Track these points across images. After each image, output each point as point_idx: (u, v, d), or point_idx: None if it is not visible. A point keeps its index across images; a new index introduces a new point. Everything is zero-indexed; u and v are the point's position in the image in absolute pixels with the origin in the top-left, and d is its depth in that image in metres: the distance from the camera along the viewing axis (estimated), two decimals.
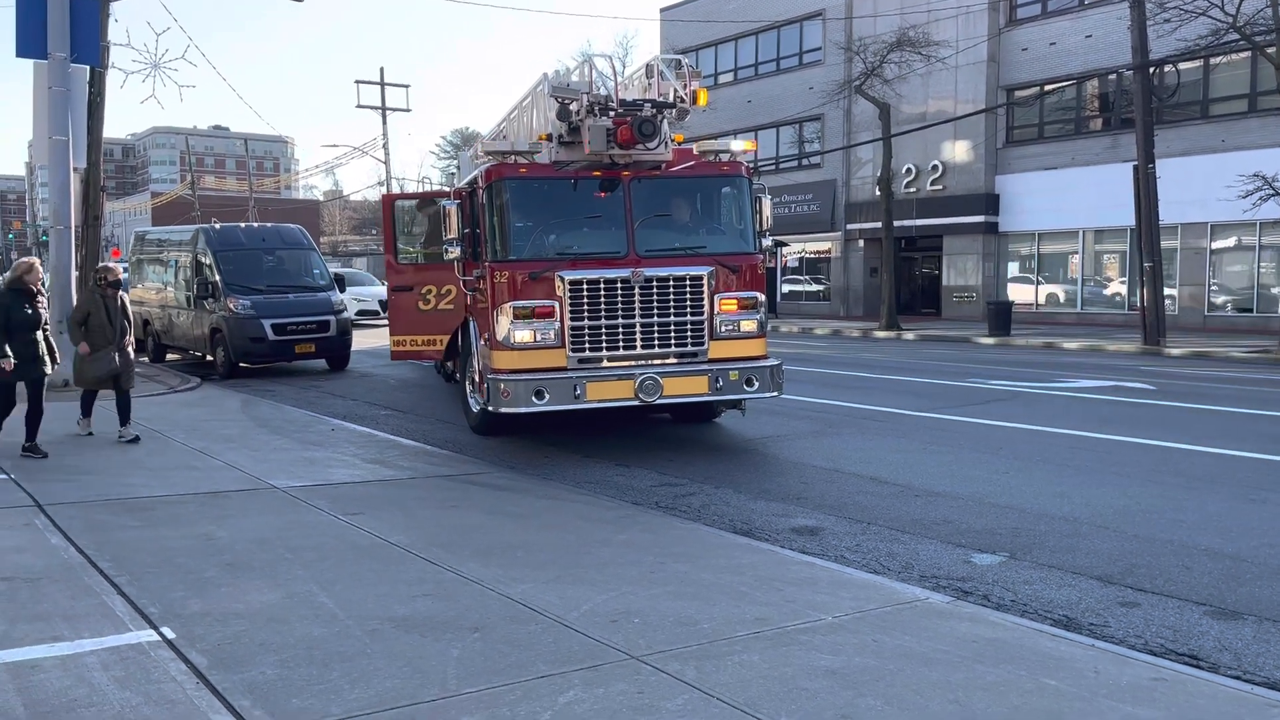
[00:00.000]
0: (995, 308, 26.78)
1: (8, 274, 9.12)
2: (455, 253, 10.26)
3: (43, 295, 9.59)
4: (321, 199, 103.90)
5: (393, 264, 13.29)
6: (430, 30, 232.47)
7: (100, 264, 10.09)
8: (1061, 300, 31.80)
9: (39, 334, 9.15)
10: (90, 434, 10.28)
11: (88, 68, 15.16)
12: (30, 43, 13.90)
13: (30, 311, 9.06)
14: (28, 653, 4.41)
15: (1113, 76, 29.12)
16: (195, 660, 4.35)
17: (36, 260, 9.37)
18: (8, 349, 8.87)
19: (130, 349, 10.28)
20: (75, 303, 11.09)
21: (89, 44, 14.60)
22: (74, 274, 15.14)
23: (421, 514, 7.31)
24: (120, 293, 10.20)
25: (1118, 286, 30.42)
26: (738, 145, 10.48)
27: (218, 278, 17.81)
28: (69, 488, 7.86)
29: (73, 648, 4.50)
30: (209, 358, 18.35)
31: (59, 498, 7.45)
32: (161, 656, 4.40)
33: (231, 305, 17.40)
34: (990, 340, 25.18)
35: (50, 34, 13.83)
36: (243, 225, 20.52)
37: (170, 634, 4.65)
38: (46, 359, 9.26)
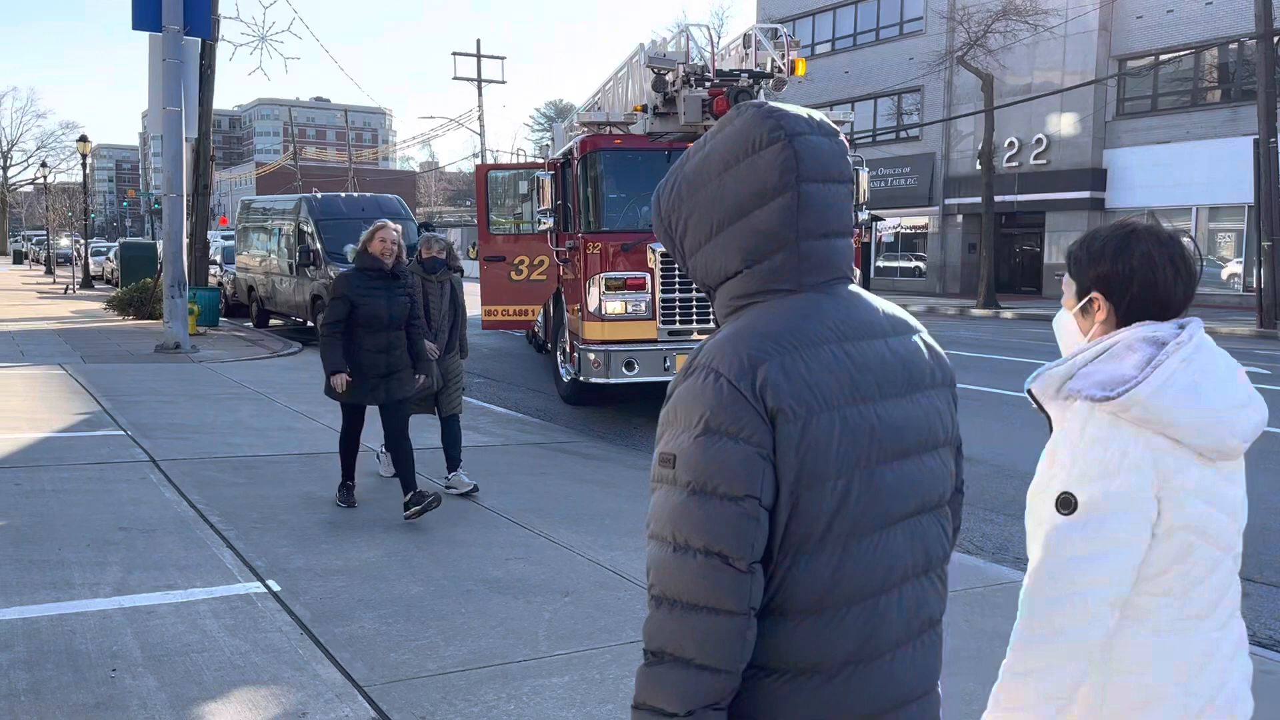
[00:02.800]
0: None
1: (361, 239, 6.33)
2: (548, 224, 10.35)
3: (408, 276, 6.50)
4: (418, 170, 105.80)
5: (485, 234, 13.45)
6: (528, 1, 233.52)
7: (426, 233, 7.21)
8: None
9: (401, 334, 6.28)
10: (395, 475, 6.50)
11: (199, 40, 15.69)
12: (146, 16, 14.43)
13: (387, 301, 6.18)
14: (145, 599, 4.65)
15: (1233, 46, 27.73)
16: (299, 613, 4.52)
17: (389, 222, 6.36)
18: (352, 356, 6.16)
19: (455, 353, 7.28)
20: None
21: (201, 17, 15.09)
22: (185, 240, 15.74)
23: (513, 479, 7.44)
24: (450, 275, 7.18)
25: (1233, 267, 29.11)
26: (835, 116, 10.31)
27: (319, 245, 18.30)
28: (181, 445, 8.21)
29: (185, 596, 4.72)
30: (309, 323, 18.91)
31: (172, 454, 7.79)
32: (268, 608, 4.59)
33: (332, 273, 17.87)
34: None
35: (165, 7, 14.33)
36: (343, 195, 21.03)
37: (276, 587, 4.84)
38: (410, 372, 6.38)
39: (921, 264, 37.83)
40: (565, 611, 4.63)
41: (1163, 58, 29.80)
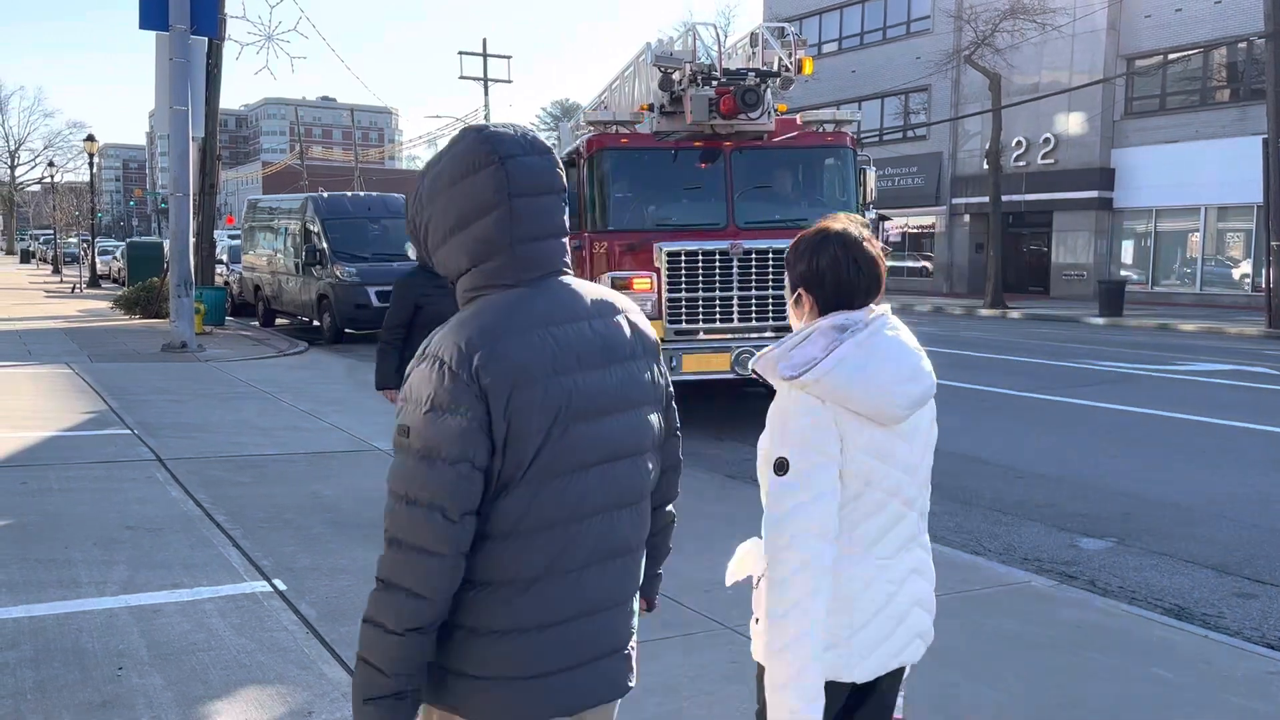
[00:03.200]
0: (1107, 287, 25.81)
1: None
2: None
3: None
4: None
5: None
6: (532, 1, 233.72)
7: None
8: (1179, 280, 30.48)
9: None
10: None
11: (206, 39, 15.71)
12: (153, 15, 14.45)
13: (450, 302, 4.52)
14: (151, 598, 4.65)
15: (1242, 45, 27.61)
16: (305, 612, 4.52)
17: None
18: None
19: None
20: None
21: (208, 16, 15.11)
22: (191, 239, 15.76)
23: None
24: None
25: (1242, 267, 28.99)
26: (842, 115, 10.29)
27: (325, 245, 18.33)
28: (187, 444, 8.21)
29: (192, 594, 4.72)
30: (315, 323, 18.93)
31: (178, 453, 7.80)
32: (274, 606, 4.59)
33: (338, 272, 17.90)
34: (1101, 321, 24.29)
35: (172, 7, 14.35)
36: (349, 194, 21.06)
37: (282, 586, 4.84)
38: None
39: (928, 264, 37.76)
40: None
41: (1171, 57, 29.70)
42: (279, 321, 21.15)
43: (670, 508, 2.20)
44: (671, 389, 2.08)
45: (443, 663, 1.80)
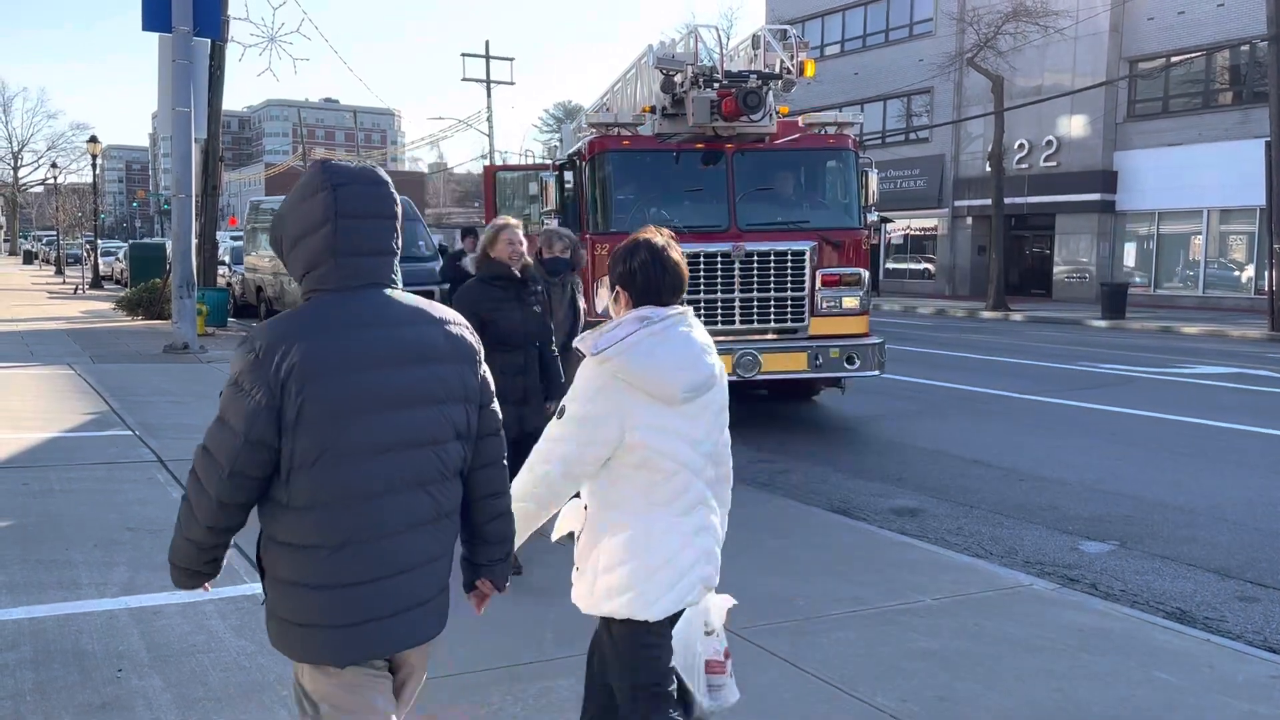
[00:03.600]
0: (1109, 290, 25.78)
1: (480, 242, 5.23)
2: (553, 225, 10.34)
3: (538, 282, 5.42)
4: (426, 171, 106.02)
5: None
6: (535, 3, 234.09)
7: (548, 228, 6.09)
8: (1181, 283, 30.44)
9: (536, 352, 5.24)
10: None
11: (209, 41, 15.70)
12: (156, 17, 14.45)
13: (521, 314, 5.13)
14: (151, 599, 4.65)
15: (1245, 48, 27.59)
16: None
17: (511, 219, 5.24)
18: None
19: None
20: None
21: (211, 18, 15.11)
22: (193, 241, 15.76)
23: None
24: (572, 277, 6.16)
25: (1244, 269, 28.96)
26: (844, 117, 10.28)
27: None
28: (188, 445, 8.14)
29: (192, 596, 4.70)
30: None
31: (179, 454, 7.79)
32: None
33: None
34: (1103, 323, 24.27)
35: (175, 8, 14.35)
36: None
37: None
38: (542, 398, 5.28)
39: (931, 266, 37.73)
40: (571, 614, 4.59)
41: (1174, 59, 29.67)
42: None
43: (504, 500, 2.46)
44: (491, 392, 2.41)
45: (278, 614, 2.20)
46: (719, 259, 9.54)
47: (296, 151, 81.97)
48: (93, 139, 38.34)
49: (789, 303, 9.70)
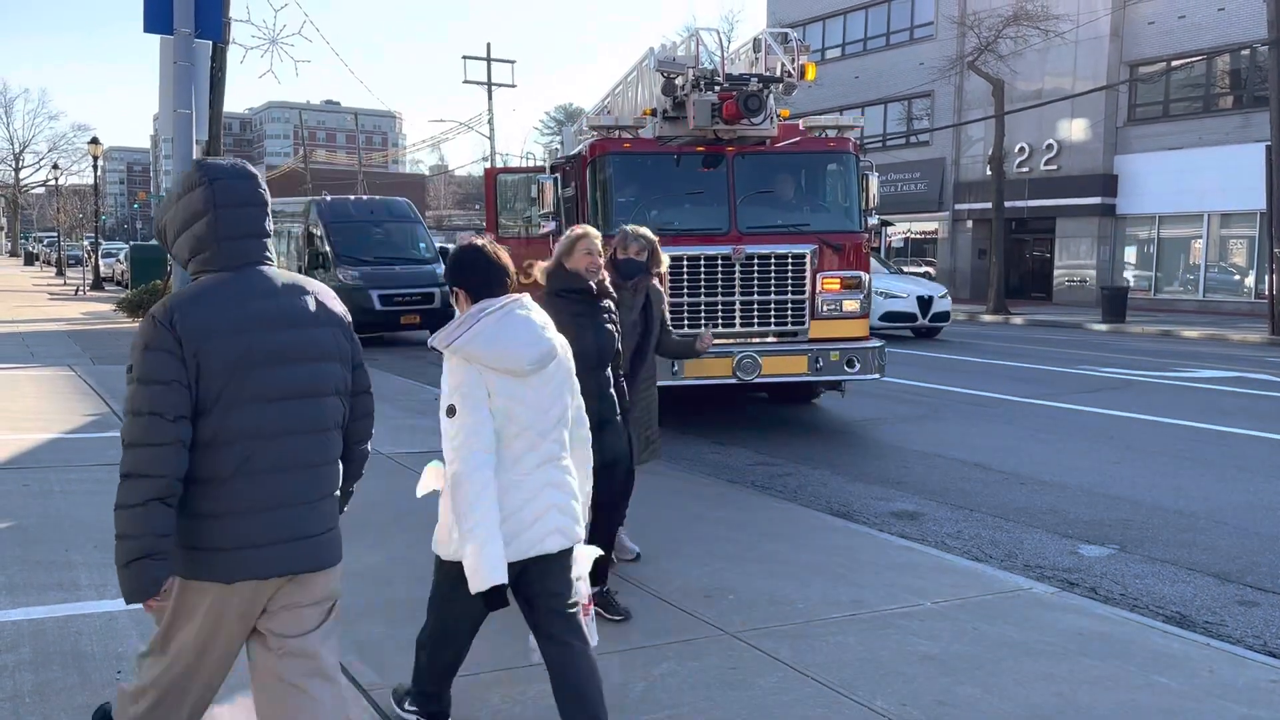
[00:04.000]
0: (1110, 293, 25.79)
1: (555, 251, 4.53)
2: (550, 227, 10.32)
3: (615, 293, 4.79)
4: (427, 174, 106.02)
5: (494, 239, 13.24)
6: (536, 5, 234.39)
7: (624, 228, 5.48)
8: (1181, 287, 30.44)
9: (609, 374, 4.63)
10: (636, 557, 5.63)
11: (210, 43, 15.65)
12: (157, 18, 14.37)
13: (595, 333, 4.46)
14: None
15: (1246, 52, 27.61)
16: None
17: (590, 229, 4.50)
18: None
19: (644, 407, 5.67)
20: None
21: (212, 20, 15.01)
22: None
23: None
24: (648, 280, 5.45)
25: (1244, 273, 28.97)
26: (845, 121, 10.28)
27: (328, 248, 18.35)
28: None
29: None
30: None
31: None
32: None
33: (341, 276, 17.91)
34: (1103, 327, 24.28)
35: (176, 10, 14.27)
36: (353, 198, 21.09)
37: None
38: (626, 427, 4.85)
39: (931, 269, 37.70)
40: None
41: (1175, 64, 29.68)
42: None
43: (366, 446, 2.96)
44: (360, 355, 2.86)
45: (180, 541, 2.53)
46: (719, 261, 9.55)
47: (298, 153, 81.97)
48: (94, 140, 38.35)
49: (789, 306, 9.70)
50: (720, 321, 9.62)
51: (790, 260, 9.67)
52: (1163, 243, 30.83)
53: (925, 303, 20.57)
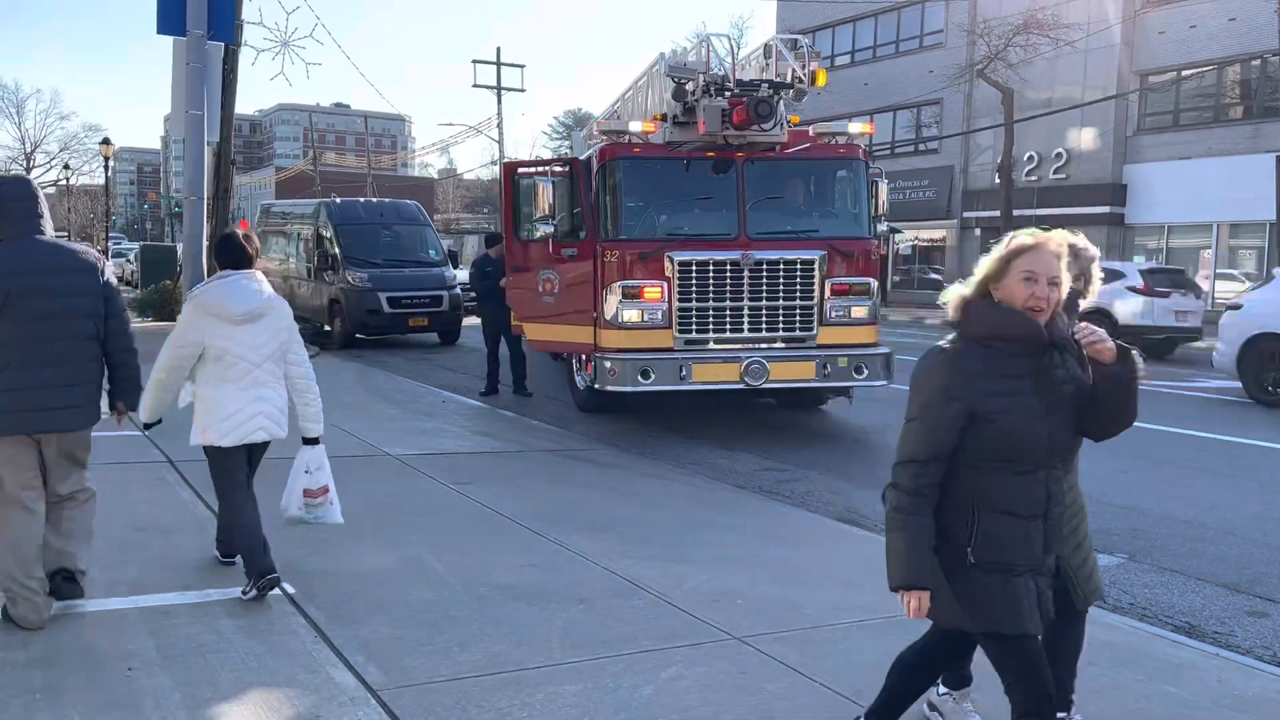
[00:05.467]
0: None
1: (977, 270, 3.11)
2: (547, 230, 10.27)
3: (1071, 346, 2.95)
4: (436, 177, 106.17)
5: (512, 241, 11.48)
6: (546, 10, 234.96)
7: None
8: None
9: (1060, 470, 2.97)
10: None
11: (223, 45, 15.73)
12: (170, 20, 14.47)
13: (1040, 404, 2.82)
14: (160, 599, 4.66)
15: (1256, 62, 27.55)
16: (313, 615, 4.53)
17: (1040, 233, 2.95)
18: None
19: None
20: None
21: (225, 22, 15.13)
22: (204, 244, 15.81)
23: (528, 486, 7.43)
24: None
25: (1253, 283, 28.86)
26: (855, 127, 10.29)
27: (337, 250, 18.39)
28: (198, 447, 8.21)
29: (201, 596, 4.73)
30: (327, 327, 18.98)
31: (189, 455, 7.79)
32: (283, 610, 4.60)
33: (350, 278, 17.95)
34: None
35: (189, 12, 14.39)
36: (362, 200, 21.15)
37: (290, 589, 4.85)
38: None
39: (939, 277, 37.67)
40: (579, 619, 4.62)
41: (1185, 73, 29.64)
42: None
43: (127, 353, 4.53)
44: (115, 288, 4.51)
45: None
46: (728, 266, 9.55)
47: (307, 156, 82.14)
48: (105, 141, 38.52)
49: (798, 311, 9.70)
50: (729, 326, 9.62)
51: (799, 266, 9.67)
52: (1172, 252, 30.73)
53: None
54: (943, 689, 3.71)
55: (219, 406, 4.68)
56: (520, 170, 11.26)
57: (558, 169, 10.42)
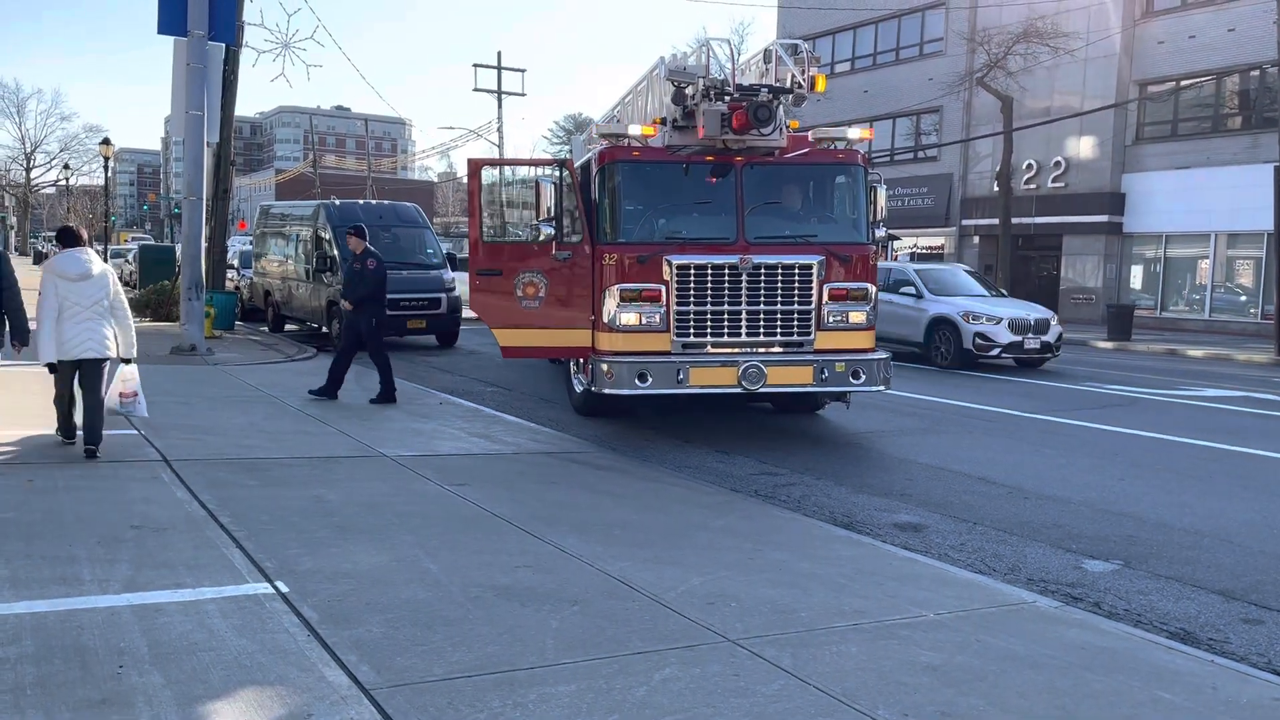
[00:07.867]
0: (1115, 311, 25.74)
1: None
2: (548, 231, 10.23)
3: None
4: (436, 180, 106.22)
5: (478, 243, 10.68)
6: (547, 14, 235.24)
7: None
8: (1187, 306, 30.39)
9: None
10: None
11: (224, 46, 15.78)
12: (171, 20, 14.54)
13: None
14: (153, 597, 4.65)
15: (1255, 73, 27.61)
16: (307, 615, 4.51)
17: None
18: None
19: None
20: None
21: (226, 23, 15.19)
22: (203, 244, 15.82)
23: (524, 488, 7.42)
24: None
25: (1250, 294, 28.92)
26: (855, 133, 10.30)
27: (336, 252, 18.36)
28: (193, 445, 8.23)
29: (194, 595, 4.71)
30: (325, 329, 18.96)
31: (184, 454, 7.81)
32: (276, 609, 4.58)
33: None
34: (1109, 344, 24.24)
35: (190, 12, 14.44)
36: (361, 202, 21.12)
37: (284, 588, 4.83)
38: None
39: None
40: (573, 620, 4.61)
41: (1184, 83, 29.70)
42: (288, 327, 21.19)
43: (17, 314, 7.60)
44: (9, 266, 7.64)
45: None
46: (726, 271, 9.55)
47: (307, 158, 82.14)
48: (105, 141, 38.52)
49: (795, 316, 9.70)
50: (726, 330, 9.62)
51: (797, 271, 9.67)
52: (1169, 262, 30.79)
53: (1043, 326, 17.79)
54: None
55: (58, 334, 7.34)
56: (488, 168, 10.77)
57: (546, 170, 10.37)
